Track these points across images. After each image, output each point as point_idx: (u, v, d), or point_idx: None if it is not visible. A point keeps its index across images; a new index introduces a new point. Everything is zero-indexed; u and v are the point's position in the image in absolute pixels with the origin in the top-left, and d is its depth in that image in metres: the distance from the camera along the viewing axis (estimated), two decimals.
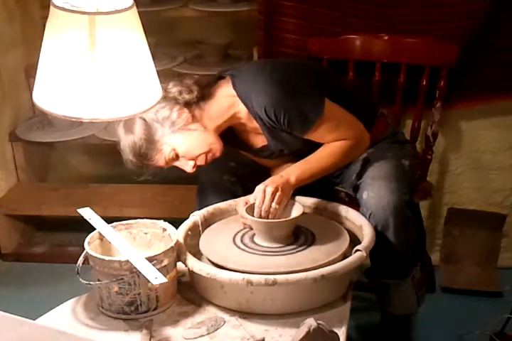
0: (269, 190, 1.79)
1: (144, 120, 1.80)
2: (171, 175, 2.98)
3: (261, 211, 1.79)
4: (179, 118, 1.82)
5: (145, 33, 1.42)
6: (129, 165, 1.87)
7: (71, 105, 1.38)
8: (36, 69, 1.42)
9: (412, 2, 2.31)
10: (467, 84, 2.39)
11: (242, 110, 1.89)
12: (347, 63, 2.34)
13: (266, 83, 1.84)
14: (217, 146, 1.90)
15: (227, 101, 1.89)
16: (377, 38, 2.32)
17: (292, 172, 1.88)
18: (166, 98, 1.81)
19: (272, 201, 1.79)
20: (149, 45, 1.44)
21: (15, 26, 2.80)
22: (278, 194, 1.80)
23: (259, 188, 1.81)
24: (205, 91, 1.89)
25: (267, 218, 1.79)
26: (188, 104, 1.85)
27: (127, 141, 1.83)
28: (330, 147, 1.92)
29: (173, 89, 1.85)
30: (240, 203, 1.90)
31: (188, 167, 1.89)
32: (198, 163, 1.89)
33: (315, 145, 1.93)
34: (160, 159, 1.86)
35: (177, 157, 1.87)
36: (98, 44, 1.33)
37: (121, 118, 1.48)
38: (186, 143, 1.85)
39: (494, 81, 2.39)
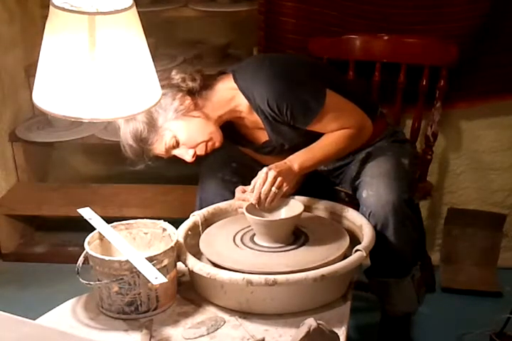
0: (272, 174, 1.79)
1: None
2: (171, 175, 2.99)
3: (260, 193, 1.79)
4: (182, 105, 1.83)
5: (145, 33, 1.42)
6: (128, 152, 1.87)
7: (71, 105, 1.38)
8: (36, 69, 1.42)
9: (412, 2, 2.30)
10: (467, 84, 2.40)
11: (242, 103, 1.90)
12: (347, 63, 2.34)
13: (267, 76, 1.85)
14: (217, 136, 1.90)
15: (228, 94, 1.90)
16: (377, 38, 2.32)
17: (295, 159, 1.88)
18: (168, 85, 1.83)
19: (273, 185, 1.79)
20: (149, 45, 1.44)
21: (15, 26, 2.81)
22: (279, 179, 1.80)
23: (261, 171, 1.81)
24: (207, 82, 1.90)
25: (265, 201, 1.80)
26: (190, 93, 1.86)
27: (128, 127, 1.83)
28: (333, 135, 1.92)
29: (177, 76, 1.87)
30: (237, 190, 1.91)
31: (188, 156, 1.89)
32: (198, 153, 1.89)
33: (315, 139, 1.93)
34: (160, 146, 1.86)
35: (177, 144, 1.87)
36: (98, 44, 1.33)
37: (121, 118, 1.49)
38: (188, 129, 1.85)
39: (494, 81, 2.40)
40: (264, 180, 1.79)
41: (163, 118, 1.82)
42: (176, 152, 1.90)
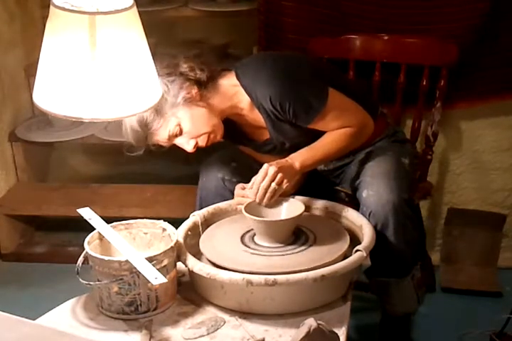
0: (272, 170, 1.80)
1: None
2: (171, 175, 2.99)
3: (259, 189, 1.80)
4: (188, 94, 1.83)
5: (145, 32, 1.42)
6: (129, 136, 1.86)
7: (71, 105, 1.38)
8: (36, 69, 1.42)
9: (412, 2, 2.31)
10: (467, 84, 2.39)
11: (244, 100, 1.90)
12: (347, 63, 2.34)
13: (269, 74, 1.86)
14: (219, 129, 1.91)
15: (231, 90, 1.91)
16: (377, 37, 2.32)
17: (297, 157, 1.89)
18: (176, 73, 1.83)
19: (273, 181, 1.80)
20: (149, 45, 1.44)
21: (15, 26, 2.80)
22: (280, 175, 1.80)
23: (262, 167, 1.82)
24: (213, 75, 1.90)
25: (264, 196, 1.80)
26: (197, 83, 1.86)
27: None
28: (334, 134, 1.92)
29: (185, 65, 1.87)
30: (237, 186, 1.92)
31: (189, 146, 1.89)
32: (200, 144, 1.89)
33: (316, 137, 1.94)
34: (164, 132, 1.85)
35: (180, 133, 1.87)
36: (98, 44, 1.33)
37: (122, 118, 1.48)
38: (193, 119, 1.85)
39: (494, 81, 2.40)
40: (265, 175, 1.80)
41: (170, 104, 1.82)
42: (177, 141, 1.89)
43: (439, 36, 2.27)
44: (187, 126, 1.85)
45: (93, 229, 1.75)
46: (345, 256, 1.73)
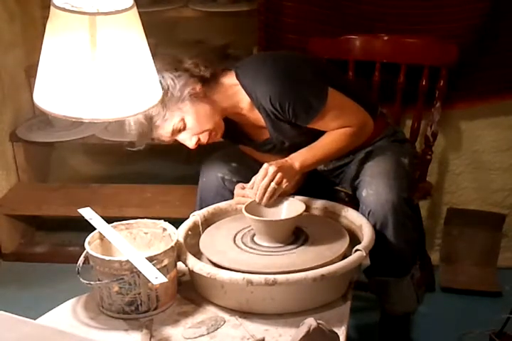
0: (272, 169, 1.81)
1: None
2: (171, 175, 2.99)
3: (259, 188, 1.80)
4: (193, 90, 1.84)
5: (145, 33, 1.43)
6: (133, 129, 1.86)
7: (72, 105, 1.38)
8: (37, 69, 1.42)
9: (412, 2, 2.31)
10: (467, 84, 2.40)
11: (244, 99, 1.91)
12: (347, 63, 2.34)
13: (269, 74, 1.86)
14: (220, 127, 1.91)
15: (231, 89, 1.91)
16: (377, 38, 2.32)
17: (296, 158, 1.89)
18: (181, 68, 1.84)
19: (272, 180, 1.80)
20: (149, 46, 1.44)
21: (15, 26, 2.81)
22: (279, 174, 1.81)
23: (262, 167, 1.83)
24: (216, 72, 1.91)
25: (263, 195, 1.80)
26: (201, 80, 1.87)
27: None
28: (334, 134, 1.93)
29: (189, 61, 1.87)
30: (236, 186, 1.93)
31: (190, 143, 1.89)
32: (201, 140, 1.89)
33: (316, 137, 1.94)
34: (168, 126, 1.85)
35: (184, 128, 1.87)
36: (99, 44, 1.34)
37: (122, 118, 1.49)
38: (197, 114, 1.85)
39: (494, 81, 2.40)
40: (264, 175, 1.81)
41: (176, 99, 1.82)
42: (180, 137, 1.89)
43: (439, 36, 2.27)
44: (191, 121, 1.86)
45: (93, 229, 1.75)
46: (345, 255, 1.73)
